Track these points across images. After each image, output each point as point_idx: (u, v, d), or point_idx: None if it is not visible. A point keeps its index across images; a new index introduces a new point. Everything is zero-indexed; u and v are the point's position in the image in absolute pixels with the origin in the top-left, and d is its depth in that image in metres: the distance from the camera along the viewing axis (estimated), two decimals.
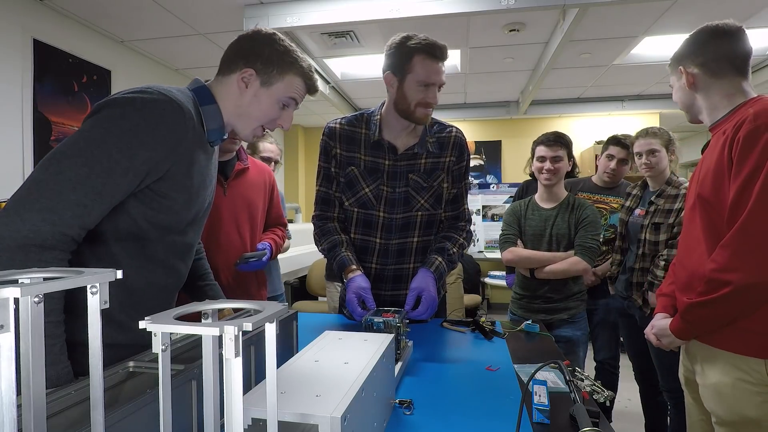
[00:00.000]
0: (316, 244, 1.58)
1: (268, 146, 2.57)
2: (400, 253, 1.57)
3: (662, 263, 1.95)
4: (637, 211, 2.16)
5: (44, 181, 0.84)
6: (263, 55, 1.06)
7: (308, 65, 1.12)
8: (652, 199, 2.06)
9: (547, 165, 2.07)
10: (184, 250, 1.12)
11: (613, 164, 2.47)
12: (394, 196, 1.52)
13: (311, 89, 1.15)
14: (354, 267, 1.45)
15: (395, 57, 1.41)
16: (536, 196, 2.20)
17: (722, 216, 1.15)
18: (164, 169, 0.95)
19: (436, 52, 1.37)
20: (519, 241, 2.17)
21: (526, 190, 2.95)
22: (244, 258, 1.71)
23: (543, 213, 2.14)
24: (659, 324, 1.36)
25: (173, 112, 0.93)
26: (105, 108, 0.90)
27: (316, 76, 1.16)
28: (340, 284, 1.48)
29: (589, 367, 2.72)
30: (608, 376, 2.50)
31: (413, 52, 1.37)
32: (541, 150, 2.08)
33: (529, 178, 2.62)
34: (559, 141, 2.07)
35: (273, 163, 2.55)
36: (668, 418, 2.16)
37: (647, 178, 2.14)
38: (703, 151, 1.31)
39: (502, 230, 2.22)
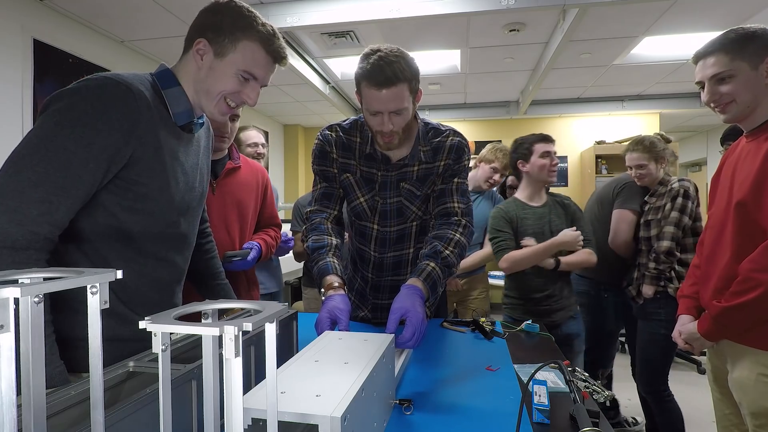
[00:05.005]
0: (303, 240, 1.46)
1: (251, 133, 2.49)
2: (396, 265, 1.52)
3: (653, 255, 2.06)
4: None
5: (4, 185, 0.83)
6: (215, 23, 1.00)
7: (268, 30, 1.02)
8: (646, 198, 2.20)
9: (555, 160, 2.05)
10: (179, 241, 1.10)
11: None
12: (386, 207, 1.45)
13: (275, 56, 1.04)
14: (336, 283, 1.26)
15: (354, 78, 1.28)
16: (522, 197, 2.09)
17: (759, 219, 1.16)
18: (127, 154, 0.92)
19: (378, 79, 1.19)
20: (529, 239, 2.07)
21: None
22: (227, 257, 1.66)
23: (537, 211, 2.06)
24: (687, 329, 1.37)
25: (121, 93, 0.90)
26: (53, 102, 0.88)
27: (281, 42, 1.05)
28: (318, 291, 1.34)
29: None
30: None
31: (359, 78, 1.25)
32: (543, 146, 2.03)
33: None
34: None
35: (261, 146, 2.48)
36: (656, 416, 2.24)
37: None
38: (722, 141, 1.26)
39: (494, 238, 2.05)
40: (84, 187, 0.88)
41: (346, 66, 4.32)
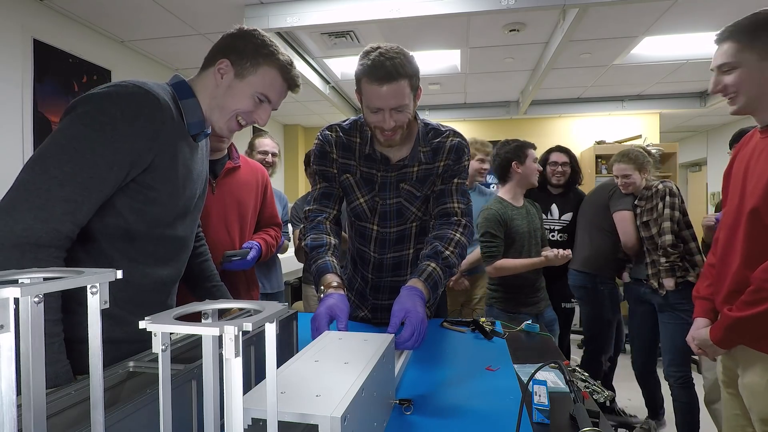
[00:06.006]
0: (300, 239, 1.43)
1: (265, 141, 2.62)
2: (396, 266, 1.52)
3: (661, 251, 2.28)
4: None
5: (31, 182, 0.85)
6: (239, 47, 1.07)
7: (286, 59, 1.11)
8: (636, 202, 2.47)
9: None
10: (176, 243, 1.12)
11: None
12: (385, 208, 1.44)
13: (290, 84, 1.13)
14: (335, 283, 1.25)
15: (354, 76, 1.28)
16: (509, 197, 2.27)
17: None
18: (148, 160, 0.96)
19: (379, 74, 1.19)
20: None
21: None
22: (226, 256, 1.66)
23: (520, 211, 2.25)
24: (700, 335, 1.35)
25: (150, 103, 0.94)
26: (81, 104, 0.91)
27: (296, 71, 1.15)
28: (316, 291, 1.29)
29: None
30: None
31: (360, 75, 1.25)
32: (534, 153, 2.32)
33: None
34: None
35: (271, 155, 2.58)
36: (673, 404, 2.35)
37: None
38: (731, 145, 1.24)
39: (486, 242, 2.17)
40: (106, 189, 0.92)
41: (346, 66, 4.32)
